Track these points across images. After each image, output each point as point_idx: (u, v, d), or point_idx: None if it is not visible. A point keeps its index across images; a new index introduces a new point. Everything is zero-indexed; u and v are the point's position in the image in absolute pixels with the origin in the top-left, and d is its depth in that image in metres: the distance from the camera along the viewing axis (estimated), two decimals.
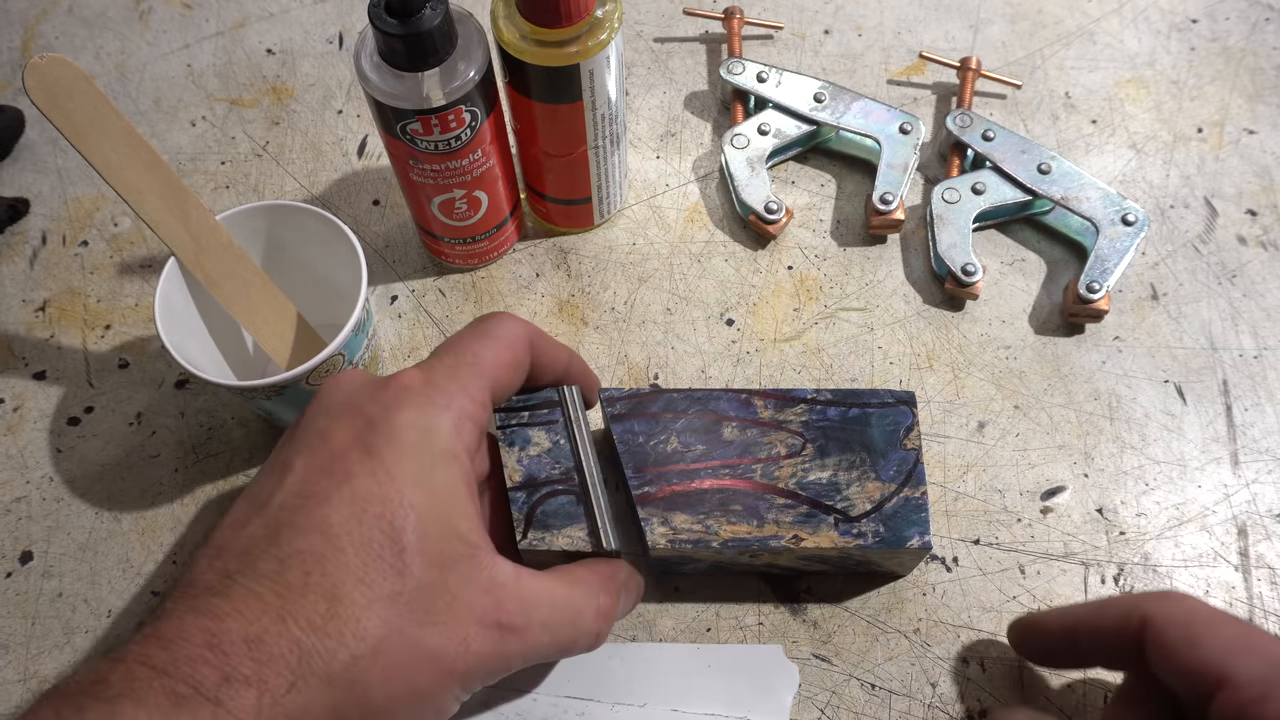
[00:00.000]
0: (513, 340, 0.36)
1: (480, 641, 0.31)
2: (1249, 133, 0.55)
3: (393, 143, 0.42)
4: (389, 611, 0.29)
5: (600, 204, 0.50)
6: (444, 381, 0.33)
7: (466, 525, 0.32)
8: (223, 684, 0.27)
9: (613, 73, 0.42)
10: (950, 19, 0.60)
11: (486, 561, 0.32)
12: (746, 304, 0.50)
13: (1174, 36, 0.59)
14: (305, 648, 0.28)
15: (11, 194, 0.54)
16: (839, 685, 0.40)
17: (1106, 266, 0.48)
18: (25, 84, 0.35)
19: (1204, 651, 0.31)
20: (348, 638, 0.29)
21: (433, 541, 0.31)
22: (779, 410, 0.40)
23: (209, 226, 0.40)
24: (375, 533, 0.30)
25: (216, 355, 0.44)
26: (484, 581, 0.32)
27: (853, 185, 0.54)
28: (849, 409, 0.40)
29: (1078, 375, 0.48)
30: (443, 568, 0.31)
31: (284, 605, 0.29)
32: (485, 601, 0.31)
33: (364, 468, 0.31)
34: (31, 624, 0.42)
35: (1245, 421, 0.46)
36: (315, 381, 0.40)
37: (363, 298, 0.40)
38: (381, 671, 0.29)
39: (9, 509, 0.45)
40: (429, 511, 0.31)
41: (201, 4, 0.61)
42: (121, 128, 0.37)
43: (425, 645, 0.30)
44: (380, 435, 0.31)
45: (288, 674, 0.28)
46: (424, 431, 0.32)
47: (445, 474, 0.32)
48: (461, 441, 0.33)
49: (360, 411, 0.32)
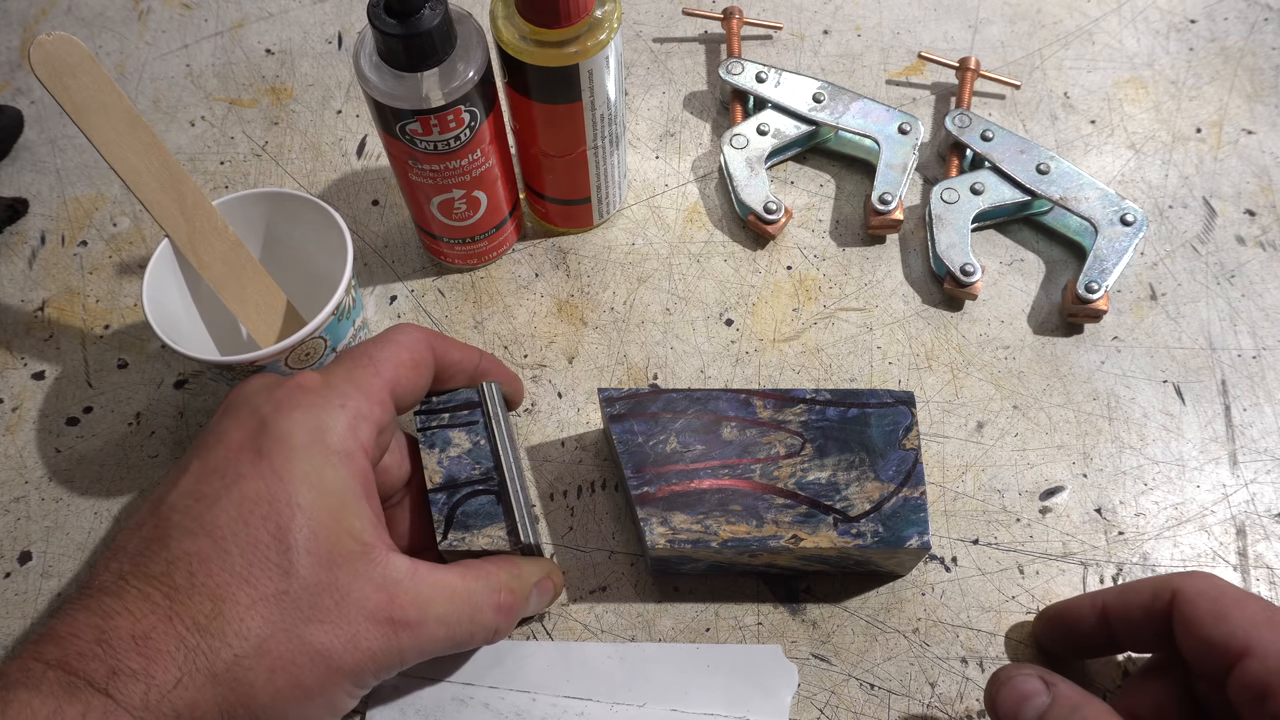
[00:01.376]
0: (410, 343, 0.37)
1: (371, 638, 0.32)
2: (1247, 133, 0.55)
3: (392, 143, 0.42)
4: (272, 611, 0.30)
5: (599, 204, 0.50)
6: (340, 383, 0.34)
7: (359, 523, 0.32)
8: (111, 677, 0.28)
9: (612, 73, 0.42)
10: (949, 19, 0.60)
11: (380, 558, 0.32)
12: (746, 304, 0.50)
13: (1173, 37, 0.59)
14: (190, 646, 0.29)
15: (10, 194, 0.54)
16: (838, 685, 0.40)
17: (1105, 266, 0.48)
18: (30, 59, 0.35)
19: (1230, 625, 0.32)
20: (230, 637, 0.30)
21: (322, 540, 0.31)
22: (778, 410, 0.40)
23: (204, 210, 0.41)
24: (261, 533, 0.31)
25: (207, 341, 0.44)
26: (376, 578, 0.32)
27: (852, 185, 0.54)
28: (848, 409, 0.40)
29: (1076, 375, 0.48)
30: (332, 566, 0.31)
31: (171, 605, 0.30)
32: (377, 598, 0.32)
33: (254, 469, 0.32)
34: (30, 624, 0.42)
35: (1244, 421, 0.46)
36: (295, 364, 0.40)
37: (346, 280, 0.40)
38: (266, 670, 0.30)
39: (8, 509, 0.45)
40: (318, 511, 0.31)
41: (200, 4, 0.61)
42: (122, 107, 0.38)
43: (311, 643, 0.31)
44: (271, 437, 0.32)
45: (174, 670, 0.29)
46: (316, 431, 0.33)
47: (336, 473, 0.32)
48: (357, 440, 0.33)
49: (255, 412, 0.33)
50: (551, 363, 0.48)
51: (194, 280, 0.43)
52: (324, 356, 0.41)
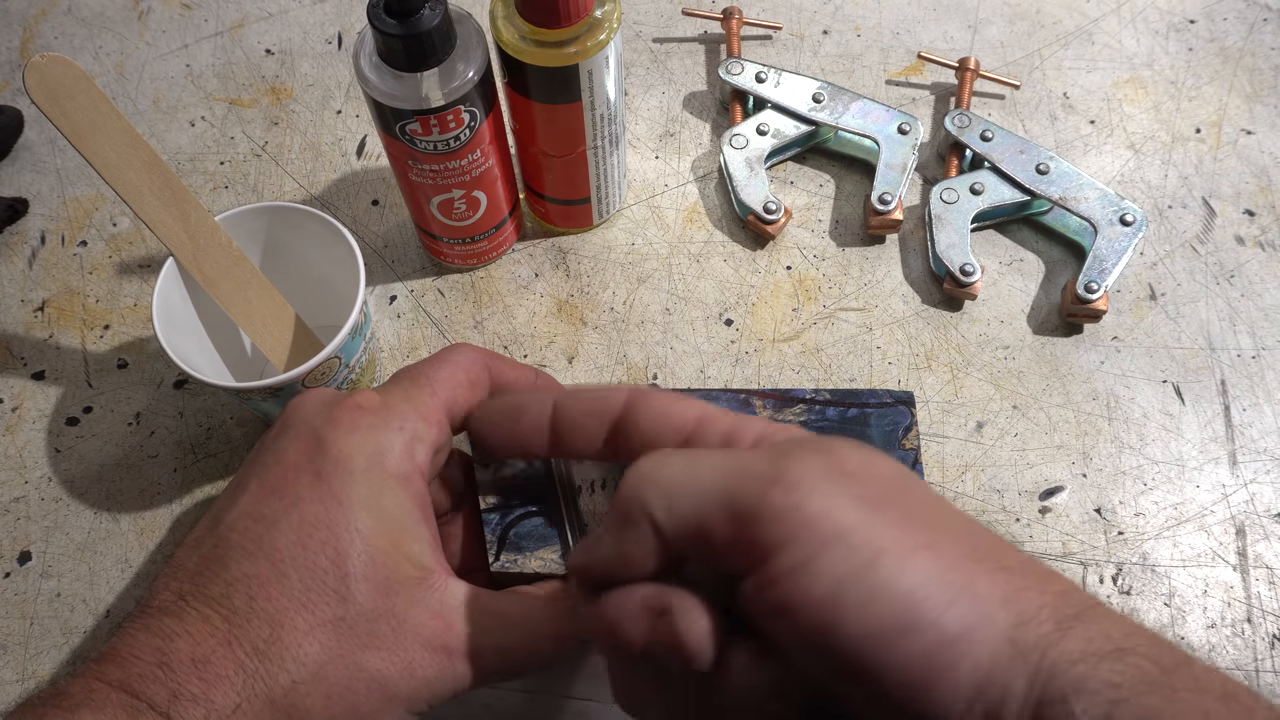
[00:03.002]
0: (467, 364, 0.36)
1: (426, 666, 0.31)
2: (1247, 133, 0.55)
3: (392, 143, 0.42)
4: (330, 637, 0.30)
5: (599, 204, 0.50)
6: (398, 403, 0.34)
7: (417, 548, 0.32)
8: (172, 701, 0.28)
9: (611, 73, 0.42)
10: (949, 19, 0.60)
11: (438, 584, 0.32)
12: (745, 304, 0.50)
13: (1172, 37, 0.59)
14: (249, 671, 0.29)
15: (10, 194, 0.54)
16: None
17: (1105, 266, 0.48)
18: (25, 83, 0.35)
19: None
20: (288, 662, 0.29)
21: (379, 566, 0.31)
22: (778, 410, 0.40)
23: (208, 227, 0.40)
24: (320, 558, 0.30)
25: (214, 356, 0.44)
26: (434, 604, 0.32)
27: (851, 185, 0.54)
28: (848, 409, 0.40)
29: (1076, 375, 0.48)
30: (389, 592, 0.31)
31: (230, 629, 0.30)
32: (434, 625, 0.31)
33: (313, 492, 0.31)
34: (30, 624, 0.42)
35: (1243, 421, 0.46)
36: (311, 384, 0.40)
37: (360, 301, 0.40)
38: (323, 696, 0.30)
39: (7, 509, 0.45)
40: (376, 536, 0.31)
41: (200, 4, 0.61)
42: (121, 127, 0.37)
43: (367, 670, 0.30)
44: (329, 459, 0.32)
45: (233, 695, 0.29)
46: (374, 455, 0.32)
47: (395, 497, 0.32)
48: (414, 463, 0.33)
49: (314, 433, 0.33)
50: (551, 363, 0.48)
51: (198, 296, 0.42)
52: (338, 373, 0.41)
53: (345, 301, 0.41)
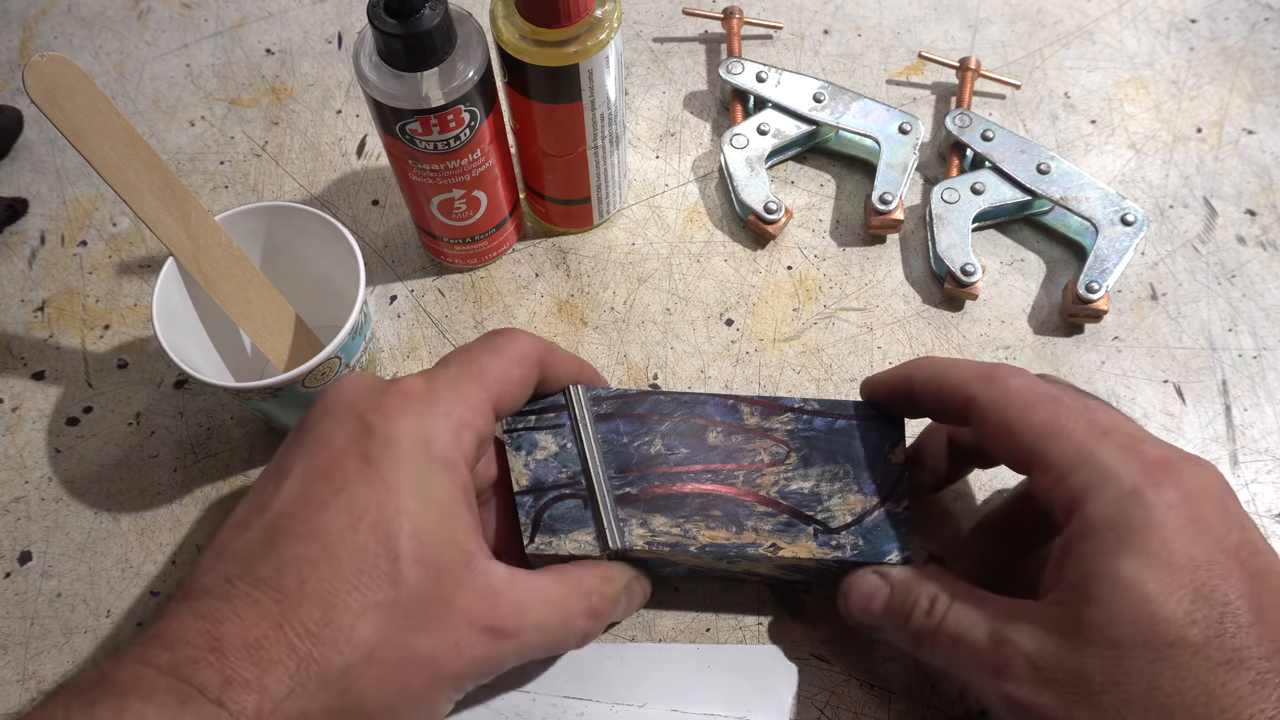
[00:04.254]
0: (520, 357, 0.36)
1: (472, 646, 0.32)
2: (1248, 133, 0.55)
3: (392, 143, 0.42)
4: (382, 619, 0.30)
5: (599, 204, 0.50)
6: (445, 390, 0.34)
7: (463, 532, 0.32)
8: (225, 687, 0.28)
9: (612, 73, 0.42)
10: (949, 19, 0.60)
11: (481, 567, 0.33)
12: (746, 304, 0.50)
13: (1173, 36, 0.59)
14: (302, 654, 0.29)
15: (10, 194, 0.54)
16: (838, 685, 0.40)
17: (1106, 266, 0.48)
18: (25, 83, 0.34)
19: (1016, 438, 0.34)
20: (342, 644, 0.29)
21: (428, 549, 0.31)
22: (765, 418, 0.40)
23: (208, 227, 0.40)
24: (370, 541, 0.30)
25: (214, 356, 0.44)
26: (478, 587, 0.32)
27: (852, 185, 0.54)
28: (836, 420, 0.40)
29: (1077, 375, 0.48)
30: (437, 574, 0.31)
31: (281, 612, 0.29)
32: (479, 606, 0.32)
33: (361, 475, 0.31)
34: (30, 624, 0.42)
35: (1244, 422, 0.46)
36: (311, 384, 0.40)
37: (360, 300, 0.40)
38: (375, 677, 0.30)
39: (8, 509, 0.45)
40: (425, 520, 0.31)
41: (200, 4, 0.61)
42: (121, 127, 0.37)
43: (418, 651, 0.31)
44: (378, 443, 0.32)
45: (286, 679, 0.29)
46: (422, 440, 0.32)
47: (442, 483, 0.32)
48: (460, 450, 0.33)
49: (360, 417, 0.33)
50: None
51: (198, 296, 0.42)
52: (338, 374, 0.41)
53: (345, 301, 0.41)
